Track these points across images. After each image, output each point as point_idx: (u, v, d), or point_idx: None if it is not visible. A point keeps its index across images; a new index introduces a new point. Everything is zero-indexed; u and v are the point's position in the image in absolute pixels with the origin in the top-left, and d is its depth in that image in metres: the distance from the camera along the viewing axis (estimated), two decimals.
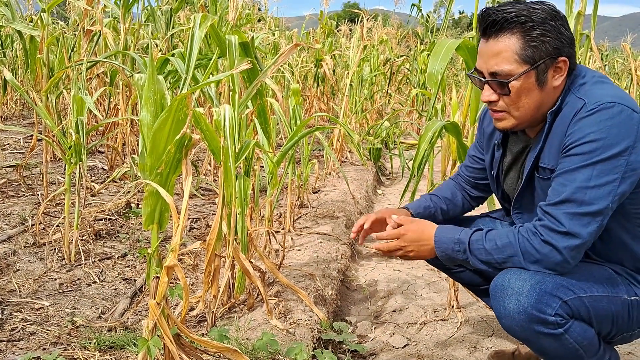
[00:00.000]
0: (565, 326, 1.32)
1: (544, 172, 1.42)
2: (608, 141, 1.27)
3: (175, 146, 1.28)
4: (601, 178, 1.28)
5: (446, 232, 1.48)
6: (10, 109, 6.22)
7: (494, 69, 1.38)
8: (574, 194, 1.30)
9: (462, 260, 1.45)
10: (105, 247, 2.67)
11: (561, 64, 1.37)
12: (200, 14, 1.64)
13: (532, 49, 1.34)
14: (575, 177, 1.30)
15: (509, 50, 1.35)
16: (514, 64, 1.36)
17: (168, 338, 1.31)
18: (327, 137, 5.28)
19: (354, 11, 6.09)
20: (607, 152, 1.27)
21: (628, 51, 4.71)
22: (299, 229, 3.15)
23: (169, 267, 1.27)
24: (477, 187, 1.80)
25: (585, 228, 1.30)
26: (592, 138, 1.28)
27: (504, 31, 1.36)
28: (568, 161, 1.32)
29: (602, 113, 1.29)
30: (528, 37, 1.34)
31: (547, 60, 1.35)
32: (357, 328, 2.24)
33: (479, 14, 1.42)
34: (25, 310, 2.00)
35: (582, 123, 1.31)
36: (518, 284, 1.33)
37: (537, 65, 1.35)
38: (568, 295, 1.33)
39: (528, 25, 1.34)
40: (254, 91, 1.86)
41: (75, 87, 2.33)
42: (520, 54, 1.35)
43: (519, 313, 1.32)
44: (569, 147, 1.32)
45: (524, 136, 1.54)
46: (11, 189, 3.41)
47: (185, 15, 5.26)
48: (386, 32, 7.35)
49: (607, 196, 1.29)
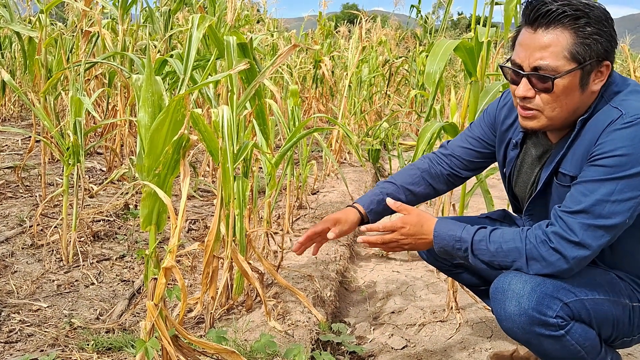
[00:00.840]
0: (566, 327, 1.31)
1: (564, 178, 1.39)
2: (638, 157, 1.24)
3: (173, 147, 1.28)
4: (624, 194, 1.25)
5: (447, 227, 1.44)
6: (9, 110, 6.22)
7: (539, 62, 1.29)
8: (593, 206, 1.27)
9: (461, 257, 1.42)
10: (104, 249, 2.66)
11: (604, 69, 1.32)
12: (199, 14, 1.64)
13: (584, 46, 1.27)
14: (598, 189, 1.27)
15: (560, 45, 1.27)
16: (562, 60, 1.28)
17: (166, 339, 1.31)
18: (325, 138, 5.28)
19: (353, 12, 6.09)
20: (634, 168, 1.24)
21: (627, 52, 4.72)
22: (297, 230, 3.14)
23: (167, 269, 1.27)
24: (472, 169, 1.72)
25: (597, 240, 1.28)
26: (623, 152, 1.24)
27: (556, 24, 1.27)
28: (594, 171, 1.28)
29: (639, 127, 1.25)
30: (581, 34, 1.27)
31: (594, 61, 1.29)
32: (355, 329, 2.24)
33: (529, 1, 1.32)
34: (23, 312, 1.99)
35: (616, 135, 1.26)
36: (519, 287, 1.31)
37: (584, 65, 1.28)
38: (569, 297, 1.32)
39: (583, 22, 1.26)
40: (253, 92, 1.86)
41: (73, 88, 2.33)
42: (570, 51, 1.27)
43: (520, 315, 1.31)
44: (597, 156, 1.28)
45: (545, 140, 1.48)
46: (9, 190, 3.40)
47: (184, 16, 5.25)
48: (385, 33, 7.35)
49: (625, 212, 1.26)
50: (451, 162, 1.72)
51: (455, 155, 1.72)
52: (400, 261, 3.04)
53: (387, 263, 3.02)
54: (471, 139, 1.71)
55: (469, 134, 1.72)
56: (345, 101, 4.83)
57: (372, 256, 3.13)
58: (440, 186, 1.74)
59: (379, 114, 6.84)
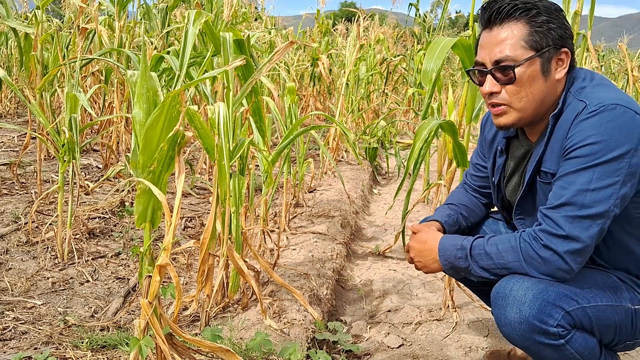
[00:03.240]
0: (567, 337, 1.30)
1: (546, 176, 1.40)
2: (609, 143, 1.25)
3: (168, 144, 1.27)
4: (602, 181, 1.26)
5: (450, 239, 1.48)
6: (5, 106, 6.19)
7: (498, 56, 1.35)
8: (574, 197, 1.27)
9: (464, 268, 1.42)
10: (99, 246, 2.65)
11: (563, 56, 1.36)
12: (195, 10, 1.63)
13: (539, 35, 1.33)
14: (576, 179, 1.28)
15: (515, 37, 1.34)
16: (519, 49, 1.33)
17: (160, 338, 1.30)
18: (323, 136, 5.27)
19: (351, 10, 6.08)
20: (609, 154, 1.25)
21: (624, 52, 4.72)
22: (294, 228, 3.14)
23: (161, 266, 1.26)
24: (483, 194, 1.78)
25: (586, 231, 1.27)
26: (593, 140, 1.26)
27: (509, 19, 1.34)
28: (568, 164, 1.30)
29: (604, 115, 1.26)
30: (534, 23, 1.33)
31: (551, 48, 1.34)
32: (352, 328, 2.23)
33: (483, 4, 1.40)
34: (17, 309, 1.98)
35: (583, 125, 1.28)
36: (520, 293, 1.30)
37: (542, 52, 1.33)
38: (571, 305, 1.30)
39: (534, 12, 1.33)
40: (249, 89, 1.85)
41: (69, 85, 2.31)
42: (526, 40, 1.33)
43: (521, 323, 1.30)
44: (569, 149, 1.30)
45: (526, 141, 1.52)
46: (4, 187, 3.38)
47: (181, 13, 5.24)
48: (383, 31, 7.34)
49: (608, 199, 1.26)
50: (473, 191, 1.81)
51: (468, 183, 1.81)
52: (397, 260, 3.04)
53: (384, 262, 3.01)
54: (473, 165, 1.79)
55: (471, 161, 1.81)
56: (343, 99, 4.83)
57: (369, 254, 3.13)
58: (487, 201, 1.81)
59: (376, 112, 6.83)
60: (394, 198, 2.37)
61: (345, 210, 3.54)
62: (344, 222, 3.36)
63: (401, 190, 2.26)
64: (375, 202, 4.39)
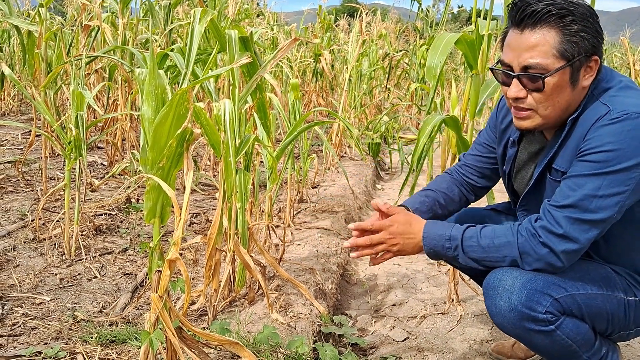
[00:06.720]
0: (556, 323, 1.32)
1: (557, 174, 1.40)
2: (625, 152, 1.24)
3: (177, 140, 1.28)
4: (611, 189, 1.26)
5: (436, 227, 1.45)
6: (8, 104, 6.21)
7: (528, 62, 1.30)
8: (580, 201, 1.28)
9: (450, 257, 1.42)
10: (106, 242, 2.67)
11: (592, 64, 1.33)
12: (200, 8, 1.64)
13: (571, 44, 1.28)
14: (586, 183, 1.28)
15: (547, 44, 1.29)
16: (550, 58, 1.29)
17: (170, 331, 1.32)
18: (326, 132, 5.28)
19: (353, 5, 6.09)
20: (623, 163, 1.24)
21: (626, 45, 4.71)
22: (298, 224, 3.15)
23: (171, 260, 1.28)
24: (484, 176, 1.74)
25: (584, 234, 1.29)
26: (609, 148, 1.25)
27: (542, 23, 1.29)
28: (582, 166, 1.30)
29: (625, 123, 1.25)
30: (567, 32, 1.28)
31: (582, 57, 1.30)
32: (357, 322, 2.25)
33: (514, 2, 1.33)
34: (26, 305, 2.01)
35: (603, 130, 1.27)
36: (509, 282, 1.33)
37: (573, 62, 1.29)
38: (560, 292, 1.33)
39: (568, 20, 1.28)
40: (254, 86, 1.86)
41: (75, 82, 2.33)
42: (558, 49, 1.28)
43: (510, 311, 1.33)
44: (585, 152, 1.29)
45: (541, 137, 1.50)
46: (10, 184, 3.41)
47: (184, 10, 5.25)
48: (385, 26, 7.33)
49: (613, 207, 1.27)
50: (466, 172, 1.76)
51: (468, 164, 1.76)
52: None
53: None
54: (479, 145, 1.74)
55: (477, 141, 1.76)
56: (346, 95, 4.83)
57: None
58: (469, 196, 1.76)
59: (379, 108, 6.83)
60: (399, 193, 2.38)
61: (349, 206, 3.55)
62: (348, 218, 3.38)
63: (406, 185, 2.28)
64: (378, 198, 4.41)
